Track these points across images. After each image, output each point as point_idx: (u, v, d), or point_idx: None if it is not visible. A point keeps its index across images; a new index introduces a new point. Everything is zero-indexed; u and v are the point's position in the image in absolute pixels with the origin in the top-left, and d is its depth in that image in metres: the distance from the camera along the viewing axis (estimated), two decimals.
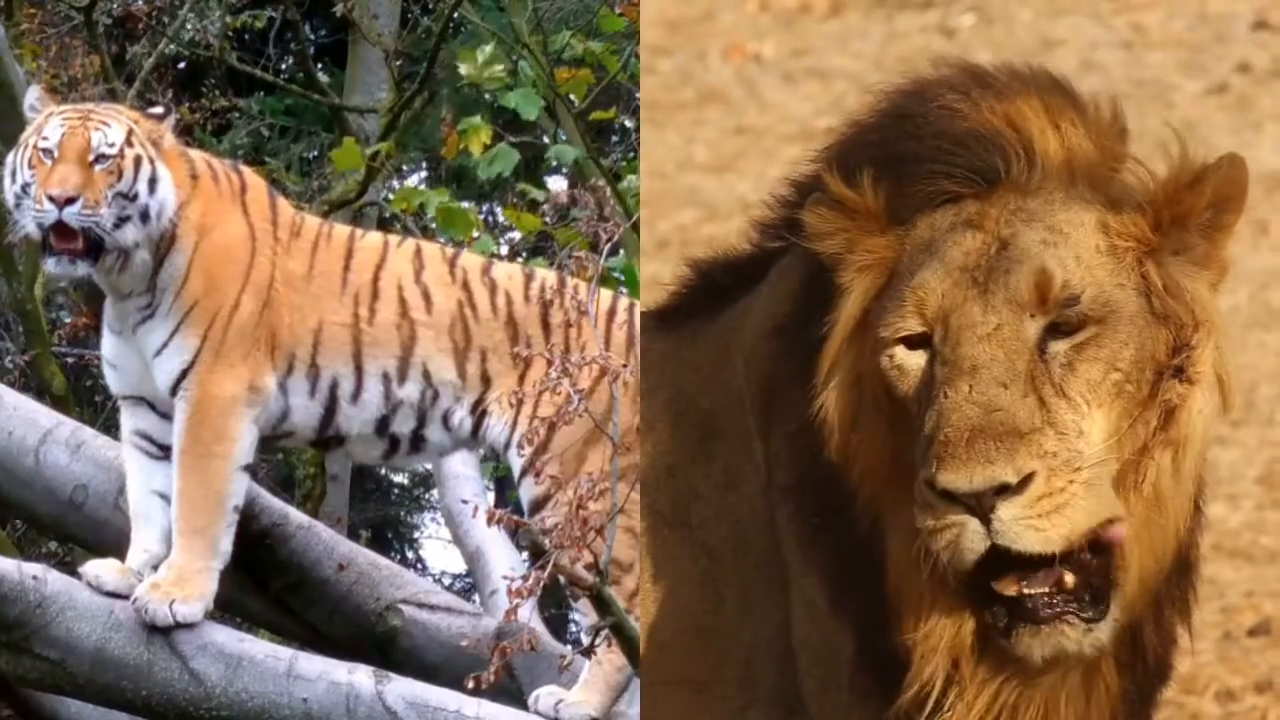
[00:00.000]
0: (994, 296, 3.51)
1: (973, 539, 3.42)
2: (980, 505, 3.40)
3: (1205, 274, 3.59)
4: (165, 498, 5.16)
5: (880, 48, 7.93)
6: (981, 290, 3.51)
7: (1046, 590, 3.48)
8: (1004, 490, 3.40)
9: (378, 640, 5.52)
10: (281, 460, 9.69)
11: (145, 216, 5.07)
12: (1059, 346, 3.49)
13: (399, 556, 13.34)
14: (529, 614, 4.51)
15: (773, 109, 7.72)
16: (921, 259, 3.57)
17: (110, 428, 5.95)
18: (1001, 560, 3.46)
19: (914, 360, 3.54)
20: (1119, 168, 3.64)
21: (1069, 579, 3.48)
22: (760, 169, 7.08)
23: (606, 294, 5.34)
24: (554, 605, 8.98)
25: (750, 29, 8.13)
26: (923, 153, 3.61)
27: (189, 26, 9.96)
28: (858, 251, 3.63)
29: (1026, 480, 3.40)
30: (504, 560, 6.42)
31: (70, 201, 4.97)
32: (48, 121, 5.10)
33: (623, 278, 7.55)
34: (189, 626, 5.02)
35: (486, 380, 5.25)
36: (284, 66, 12.34)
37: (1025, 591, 3.47)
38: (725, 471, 3.91)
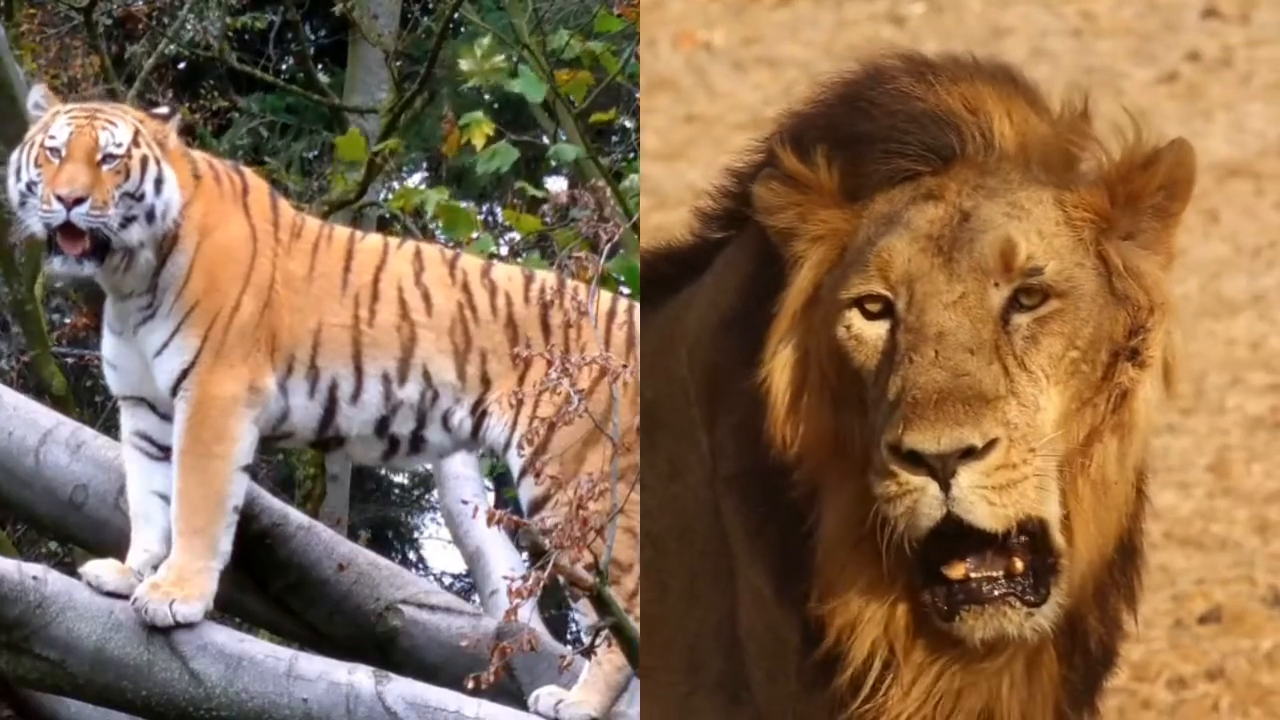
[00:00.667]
0: (958, 264, 3.53)
1: (930, 505, 3.43)
2: (943, 469, 3.41)
3: (1156, 259, 3.63)
4: (165, 498, 5.16)
5: (830, 36, 7.93)
6: (946, 258, 3.54)
7: (995, 574, 3.49)
8: (968, 455, 3.42)
9: (378, 640, 5.52)
10: (281, 461, 9.70)
11: (151, 216, 5.07)
12: (1022, 319, 3.52)
13: (399, 557, 13.34)
14: (529, 614, 4.52)
15: (723, 97, 7.71)
16: (882, 229, 3.59)
17: (110, 428, 5.96)
18: (945, 540, 3.47)
19: (873, 330, 3.56)
20: (1078, 151, 3.66)
21: (1019, 564, 3.50)
22: (710, 157, 7.04)
23: (606, 295, 5.35)
24: (554, 605, 8.98)
25: (700, 17, 8.12)
26: (878, 132, 3.64)
27: (189, 27, 9.97)
28: (811, 222, 3.65)
29: (989, 446, 3.43)
30: (504, 560, 6.42)
31: (79, 202, 4.96)
32: (54, 120, 5.10)
33: (623, 278, 7.54)
34: (189, 626, 5.02)
35: (486, 381, 5.25)
36: (284, 67, 12.34)
37: (972, 575, 3.49)
38: (669, 461, 3.92)
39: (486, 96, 10.80)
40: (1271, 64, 7.75)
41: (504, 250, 10.10)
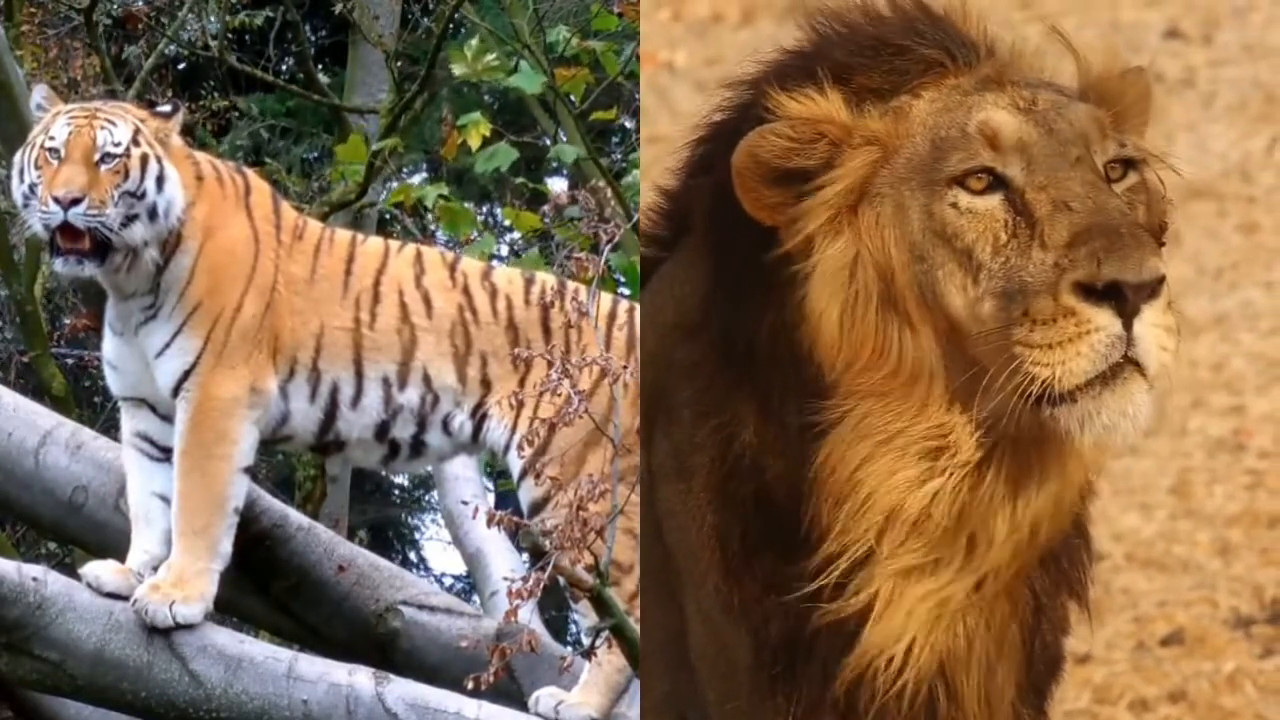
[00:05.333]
0: (1061, 133, 3.46)
1: (1110, 345, 3.32)
2: (1133, 303, 3.31)
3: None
4: (165, 499, 5.16)
5: None
6: (1047, 129, 3.47)
7: None
8: (1156, 288, 3.32)
9: (378, 642, 5.52)
10: (281, 462, 9.69)
11: (153, 214, 5.07)
12: (1118, 188, 3.48)
13: (399, 558, 13.34)
14: (529, 615, 4.51)
15: (685, 118, 7.70)
16: (957, 115, 3.50)
17: (110, 429, 5.96)
18: None
19: (984, 203, 3.44)
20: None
21: None
22: None
23: (606, 297, 5.34)
24: (554, 607, 8.98)
25: (663, 38, 8.10)
26: (894, 33, 3.55)
27: (189, 27, 9.96)
28: (852, 136, 3.51)
29: (1161, 282, 3.33)
30: (504, 562, 6.42)
31: (75, 202, 4.97)
32: (54, 121, 5.10)
33: (623, 277, 7.54)
34: (189, 628, 5.02)
35: (487, 384, 5.25)
36: (284, 67, 12.34)
37: None
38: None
39: (486, 97, 10.79)
40: (1233, 85, 7.74)
41: (504, 251, 10.10)
